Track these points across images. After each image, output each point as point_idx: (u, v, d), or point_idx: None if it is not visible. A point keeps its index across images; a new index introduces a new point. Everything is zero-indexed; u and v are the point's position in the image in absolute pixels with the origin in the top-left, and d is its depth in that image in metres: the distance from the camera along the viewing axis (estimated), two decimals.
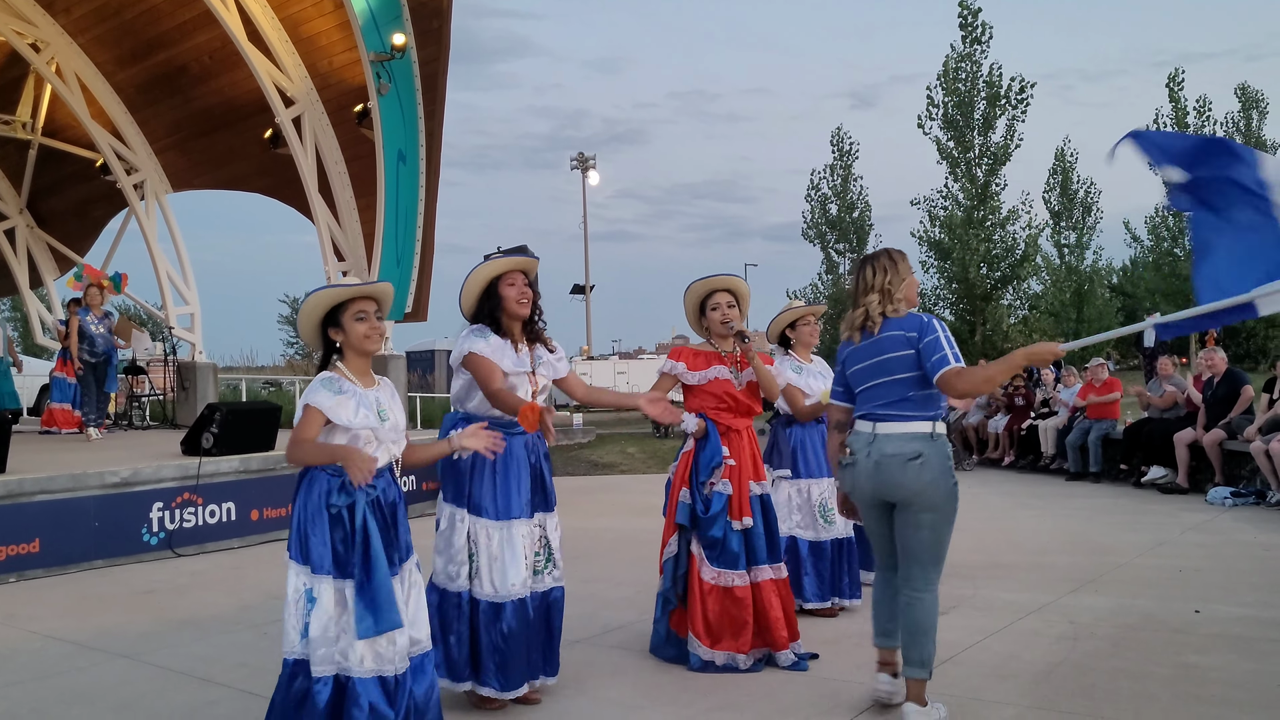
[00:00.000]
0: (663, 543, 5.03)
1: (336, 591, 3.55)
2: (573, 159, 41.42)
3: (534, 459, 4.42)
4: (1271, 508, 9.58)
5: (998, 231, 28.73)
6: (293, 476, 3.75)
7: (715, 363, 5.03)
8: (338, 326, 3.71)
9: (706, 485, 4.86)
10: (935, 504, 3.97)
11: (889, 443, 4.00)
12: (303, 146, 13.91)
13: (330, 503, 3.59)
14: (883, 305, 4.12)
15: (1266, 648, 4.95)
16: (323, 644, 3.52)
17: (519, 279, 4.40)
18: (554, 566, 4.43)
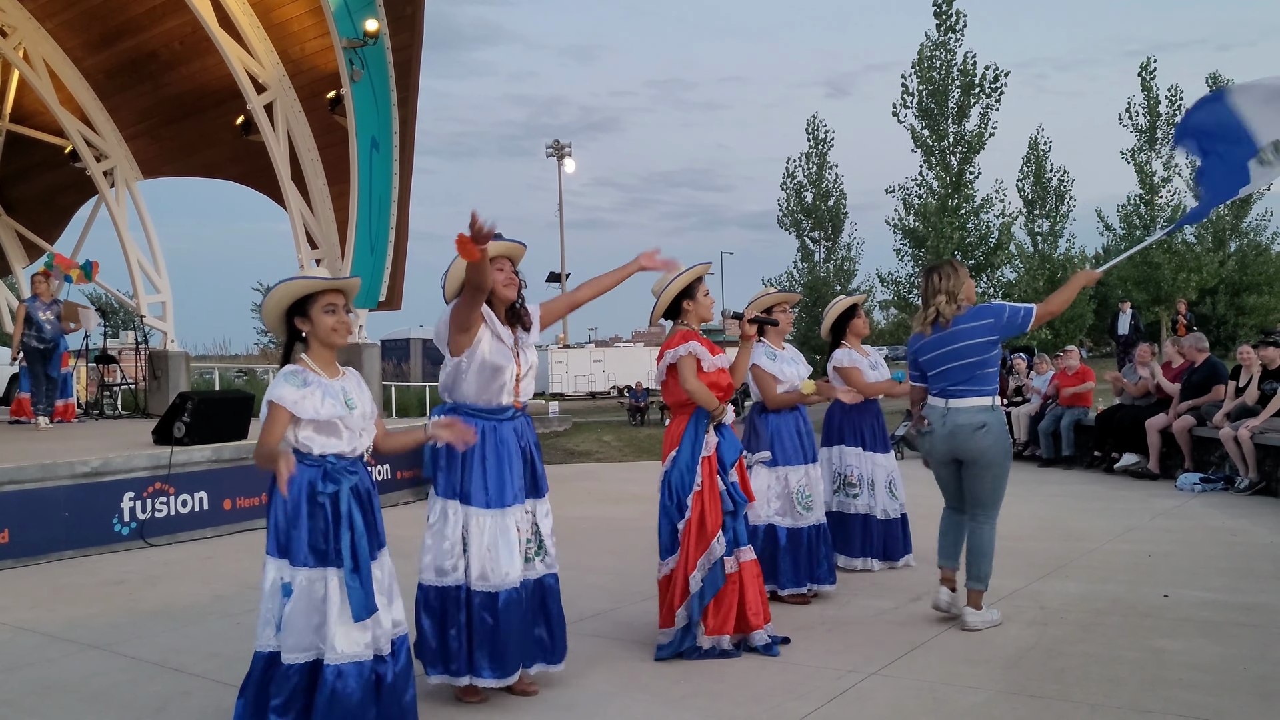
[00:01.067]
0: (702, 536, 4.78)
1: (313, 581, 3.55)
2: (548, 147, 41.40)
3: (524, 445, 4.40)
4: (1239, 493, 9.70)
5: (972, 220, 28.86)
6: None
7: (716, 351, 5.03)
8: (305, 317, 3.69)
9: (731, 473, 4.86)
10: (996, 461, 5.14)
11: (960, 414, 5.12)
12: (275, 133, 13.80)
13: (318, 491, 3.58)
14: (951, 305, 5.19)
15: (1233, 632, 5.01)
16: (295, 633, 3.52)
17: (506, 264, 4.39)
18: (545, 554, 4.41)
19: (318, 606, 3.55)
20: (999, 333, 5.13)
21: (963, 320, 5.15)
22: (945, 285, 5.21)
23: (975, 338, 5.11)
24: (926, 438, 5.33)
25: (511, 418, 4.38)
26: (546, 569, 4.41)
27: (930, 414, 5.29)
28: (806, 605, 5.79)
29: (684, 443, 4.91)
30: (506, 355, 4.32)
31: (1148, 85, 34.21)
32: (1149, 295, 32.56)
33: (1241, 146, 5.59)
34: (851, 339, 6.72)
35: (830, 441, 6.69)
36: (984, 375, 5.13)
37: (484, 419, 4.30)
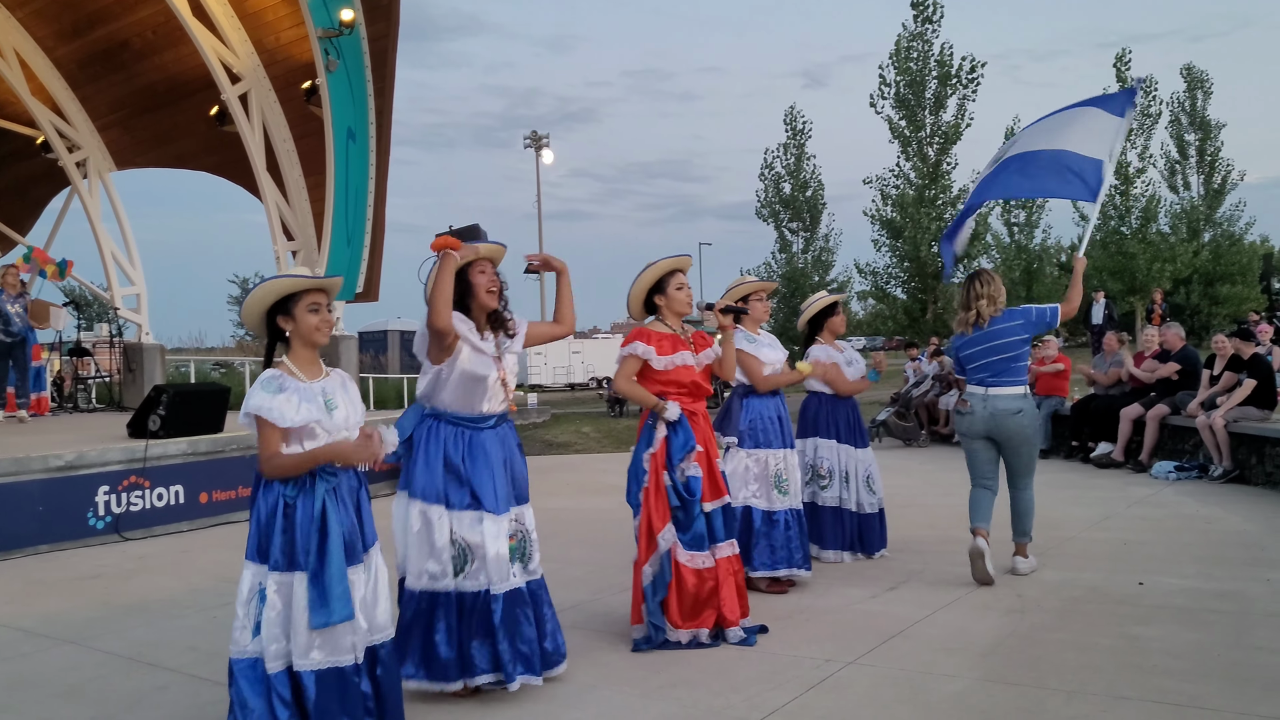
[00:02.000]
0: (650, 531, 4.85)
1: (284, 585, 3.52)
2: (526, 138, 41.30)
3: (505, 452, 4.36)
4: (1213, 481, 9.78)
5: (949, 210, 28.95)
6: (244, 458, 3.71)
7: (680, 347, 4.98)
8: (288, 316, 3.66)
9: (680, 471, 4.85)
10: (1029, 438, 6.11)
11: (999, 401, 5.99)
12: (250, 124, 13.68)
13: (284, 494, 3.55)
14: (990, 307, 6.04)
15: (1207, 618, 5.06)
16: (273, 639, 3.49)
17: (488, 267, 4.33)
18: (530, 559, 4.37)
19: (293, 612, 3.52)
20: (1029, 331, 6.00)
21: (999, 321, 6.01)
22: (986, 291, 6.06)
23: (1010, 335, 5.96)
24: (966, 418, 6.15)
25: (494, 425, 4.34)
26: (530, 575, 4.37)
27: (971, 399, 6.10)
28: (784, 594, 5.80)
29: (640, 439, 4.99)
30: (488, 364, 4.27)
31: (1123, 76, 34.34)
32: (1124, 285, 32.75)
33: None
34: (827, 335, 6.74)
35: (805, 433, 6.70)
36: (1017, 368, 6.03)
37: (466, 426, 4.26)
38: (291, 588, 3.50)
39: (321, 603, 3.47)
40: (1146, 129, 34.37)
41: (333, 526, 3.53)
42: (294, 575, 3.51)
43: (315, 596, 3.47)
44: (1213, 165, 37.72)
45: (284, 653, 3.50)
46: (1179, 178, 38.09)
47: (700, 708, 4.03)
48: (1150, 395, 11.30)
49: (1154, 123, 34.70)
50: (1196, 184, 38.07)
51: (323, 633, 3.49)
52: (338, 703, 3.51)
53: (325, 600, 3.47)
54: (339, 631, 3.52)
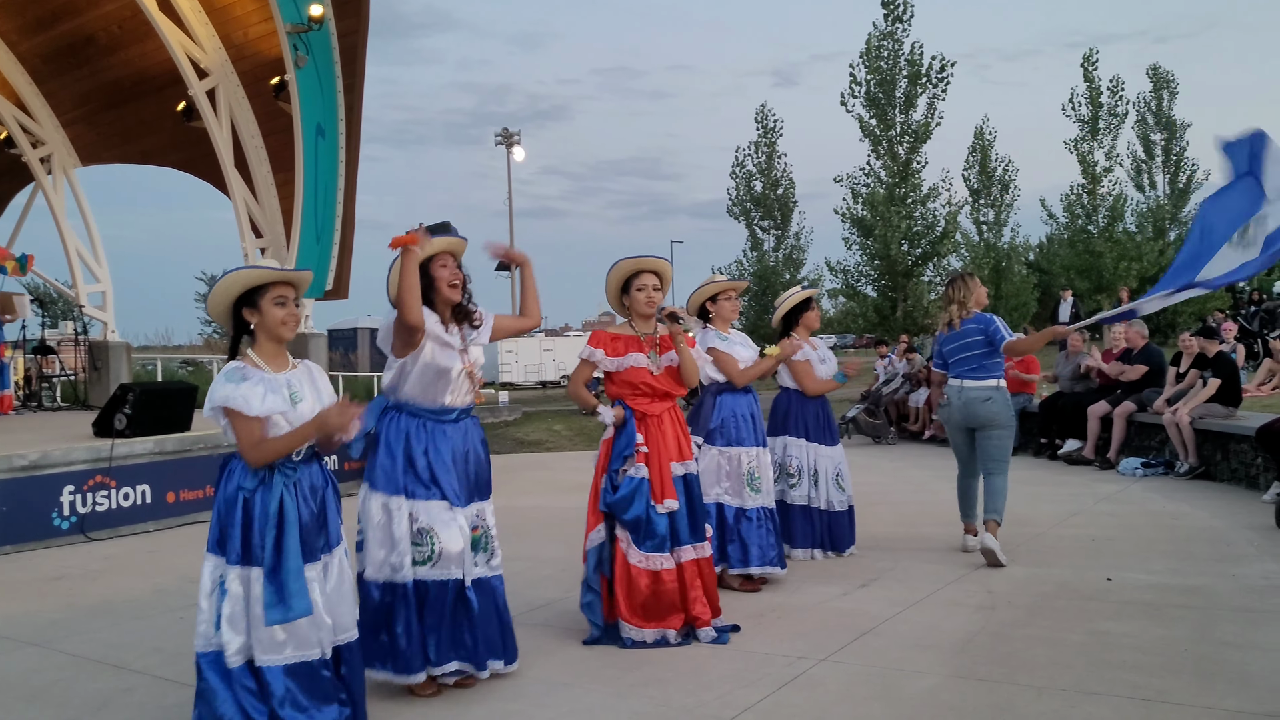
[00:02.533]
0: (587, 529, 5.00)
1: (243, 580, 3.49)
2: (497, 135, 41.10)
3: (468, 446, 4.35)
4: (1179, 478, 9.87)
5: (919, 209, 29.05)
6: (211, 457, 3.68)
7: (633, 349, 5.01)
8: (254, 308, 3.62)
9: (619, 473, 4.86)
10: (1000, 425, 6.52)
11: (970, 391, 6.54)
12: (217, 120, 13.56)
13: (241, 486, 3.52)
14: (961, 310, 6.61)
15: (1175, 614, 5.10)
16: (237, 633, 3.46)
17: (449, 261, 4.33)
18: (492, 555, 4.37)
19: (247, 607, 3.49)
20: (985, 337, 6.51)
21: (968, 323, 6.59)
22: (958, 295, 6.65)
23: (973, 337, 6.55)
24: (945, 409, 6.76)
25: (456, 419, 4.33)
26: (492, 571, 4.37)
27: (949, 392, 6.71)
28: (756, 593, 5.81)
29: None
30: (452, 356, 4.28)
31: (1090, 76, 34.63)
32: (1091, 284, 32.96)
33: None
34: (802, 331, 6.75)
35: (774, 431, 6.71)
36: (990, 364, 6.54)
37: (428, 418, 4.25)
38: (249, 583, 3.48)
39: (277, 599, 3.44)
40: (1113, 129, 34.66)
41: (289, 522, 3.50)
42: (251, 570, 3.49)
43: (271, 593, 3.45)
44: (1178, 165, 38.04)
45: (244, 647, 3.47)
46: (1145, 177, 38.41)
47: (673, 706, 4.03)
48: (1117, 393, 11.40)
49: (1121, 122, 34.98)
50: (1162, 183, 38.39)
51: (287, 628, 3.47)
52: (309, 693, 3.49)
53: (282, 597, 3.45)
54: (303, 626, 3.49)
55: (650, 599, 4.82)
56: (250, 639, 3.48)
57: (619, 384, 5.03)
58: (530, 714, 4.01)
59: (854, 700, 4.03)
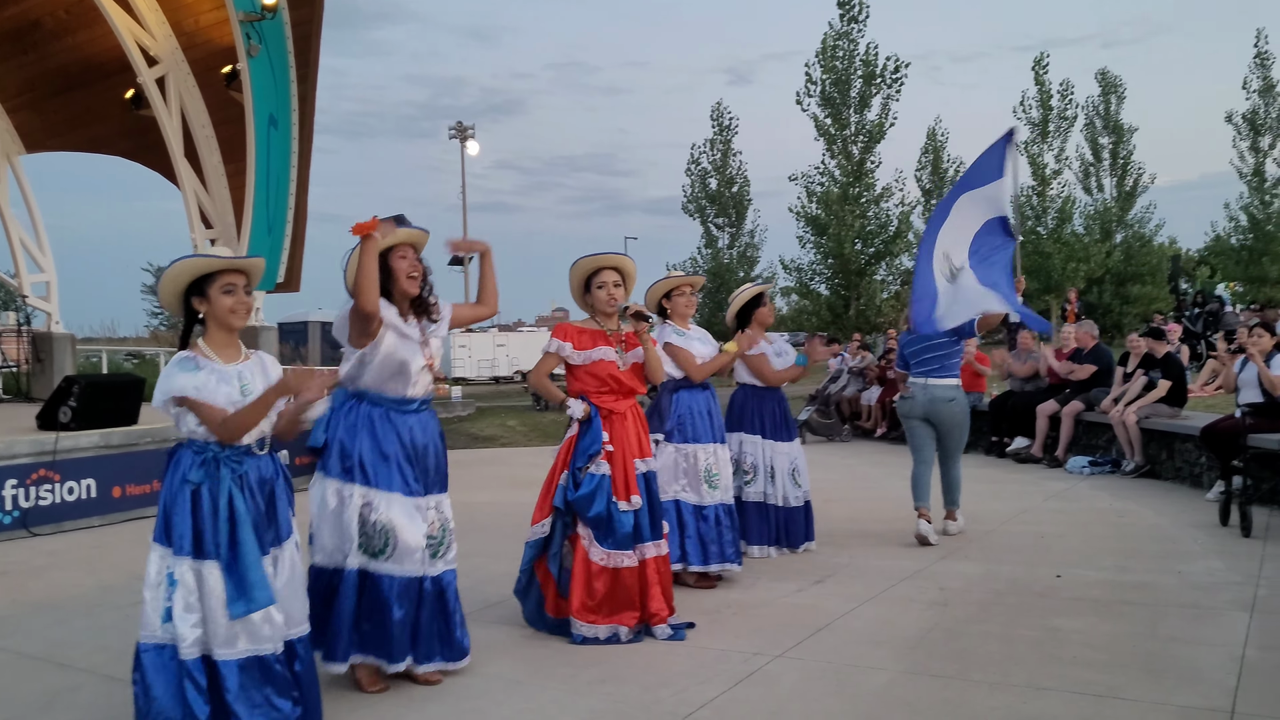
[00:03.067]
0: (533, 521, 5.00)
1: (195, 573, 3.44)
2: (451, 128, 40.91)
3: (428, 439, 4.31)
4: (1126, 476, 10.03)
5: (872, 208, 29.30)
6: (159, 451, 3.62)
7: (601, 343, 4.99)
8: (203, 297, 3.56)
9: (582, 470, 4.84)
10: (960, 422, 7.17)
11: (936, 389, 7.07)
12: (167, 108, 13.34)
13: (186, 478, 3.46)
14: None
15: (1123, 610, 5.18)
16: (191, 627, 3.41)
17: (409, 252, 4.28)
18: (447, 550, 4.34)
19: (203, 599, 3.44)
20: (957, 334, 6.97)
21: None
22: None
23: (943, 336, 6.95)
24: (908, 402, 7.23)
25: (417, 410, 4.29)
26: (446, 565, 4.34)
27: (914, 387, 7.18)
28: (712, 589, 5.81)
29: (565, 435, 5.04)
30: (413, 349, 4.24)
31: (1041, 79, 35.12)
32: (1040, 284, 33.43)
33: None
34: (756, 327, 6.76)
35: (730, 428, 6.72)
36: (951, 364, 7.12)
37: (390, 408, 4.21)
38: (202, 575, 3.43)
39: (239, 593, 3.40)
40: (1063, 132, 35.17)
41: (241, 515, 3.46)
42: (203, 564, 3.43)
43: (232, 587, 3.40)
44: (1125, 168, 38.68)
45: (200, 640, 3.42)
46: (1093, 180, 39.00)
47: (629, 703, 4.02)
48: (1065, 392, 11.56)
49: (1070, 125, 35.53)
50: (1109, 186, 39.00)
51: (242, 621, 3.42)
52: (262, 687, 3.45)
53: (244, 590, 3.40)
54: (257, 620, 3.45)
55: (606, 596, 4.81)
56: (202, 632, 3.43)
57: (583, 378, 5.00)
58: (486, 712, 3.98)
59: (809, 696, 4.05)
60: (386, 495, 4.13)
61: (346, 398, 4.25)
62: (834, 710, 3.89)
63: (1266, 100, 35.94)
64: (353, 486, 4.13)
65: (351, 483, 4.13)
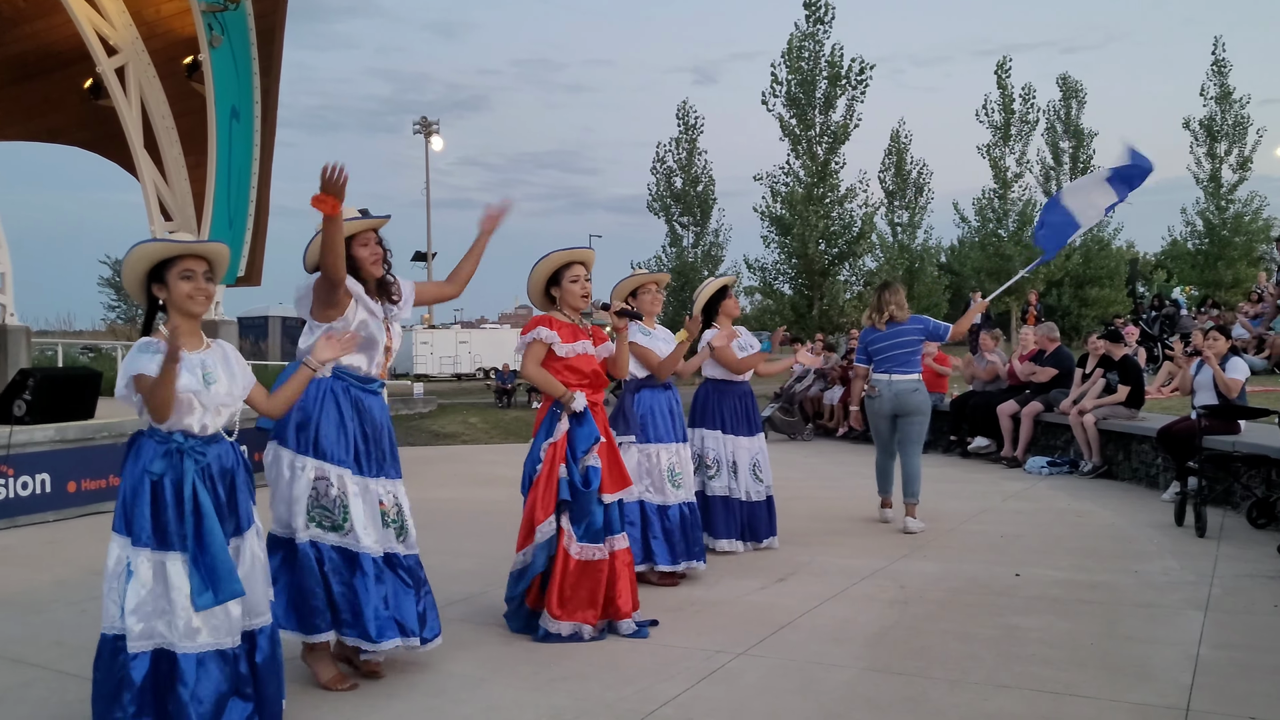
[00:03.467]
0: (532, 520, 4.86)
1: (155, 564, 3.40)
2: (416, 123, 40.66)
3: (382, 420, 4.31)
4: (1083, 476, 10.15)
5: (836, 209, 29.40)
6: (115, 446, 3.56)
7: (580, 336, 4.97)
8: (161, 283, 3.52)
9: (581, 462, 4.82)
10: (923, 411, 7.61)
11: (901, 384, 7.52)
12: (127, 99, 13.14)
13: (148, 469, 3.42)
14: (901, 311, 7.57)
15: (1080, 609, 5.24)
16: (141, 619, 3.36)
17: (371, 238, 4.29)
18: (407, 534, 4.32)
19: (163, 592, 3.39)
20: (924, 335, 7.58)
21: (905, 324, 7.55)
22: (895, 299, 7.59)
23: (910, 335, 7.52)
24: (876, 400, 7.66)
25: (376, 391, 4.30)
26: (408, 550, 4.32)
27: (879, 384, 7.61)
28: (675, 587, 5.82)
29: (540, 429, 4.96)
30: (379, 327, 4.26)
31: (1003, 84, 35.41)
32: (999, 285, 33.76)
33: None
34: (723, 320, 6.78)
35: (693, 423, 6.73)
36: (914, 360, 7.60)
37: (353, 385, 4.20)
38: (165, 567, 3.38)
39: (207, 584, 3.36)
40: (1025, 135, 35.50)
41: (205, 507, 3.42)
42: (167, 555, 3.39)
43: (199, 579, 3.36)
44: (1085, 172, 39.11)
45: (151, 633, 3.38)
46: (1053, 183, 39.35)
47: (592, 700, 4.01)
48: (1025, 392, 11.68)
49: (1031, 130, 35.85)
50: None
51: (203, 615, 3.38)
52: (215, 685, 3.40)
53: (211, 581, 3.37)
54: (218, 614, 3.41)
55: (578, 590, 4.79)
56: (157, 625, 3.39)
57: (564, 371, 4.92)
58: (448, 710, 3.96)
59: (772, 693, 4.06)
60: (340, 471, 4.11)
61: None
62: (796, 707, 3.91)
63: (1223, 107, 36.42)
64: (306, 459, 4.11)
65: (305, 455, 4.11)
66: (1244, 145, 36.28)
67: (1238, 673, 4.18)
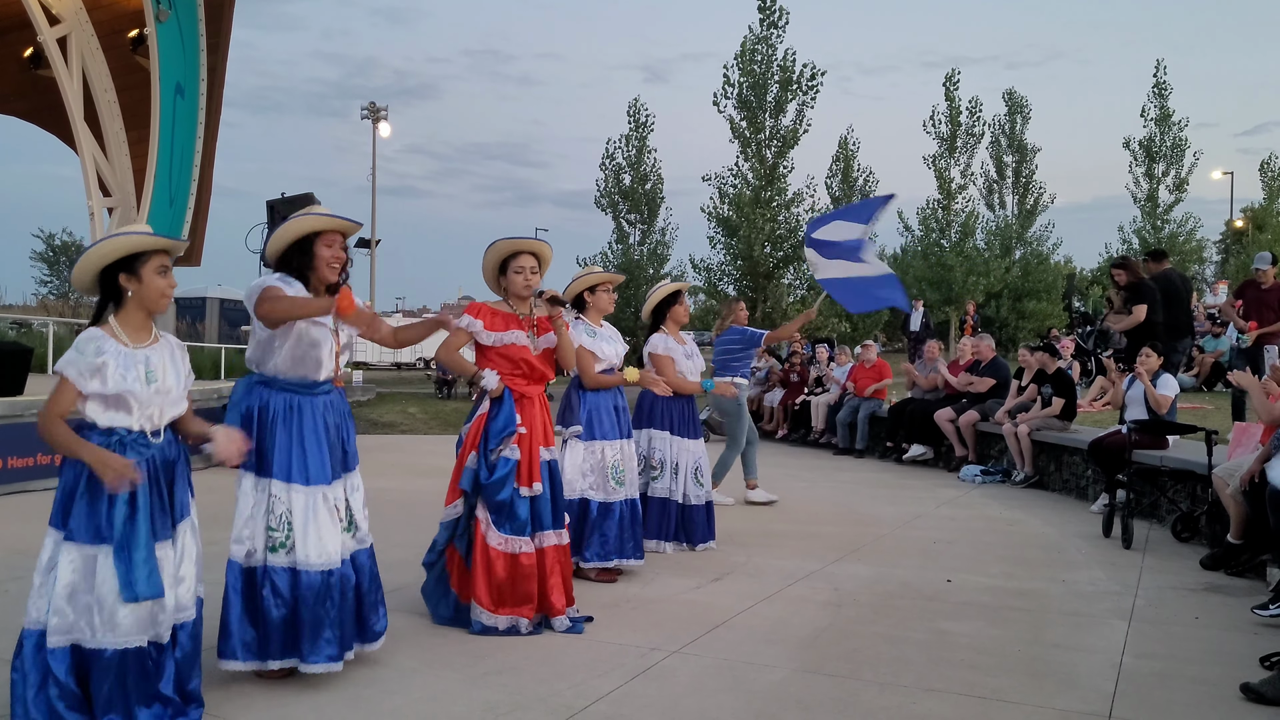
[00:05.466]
0: (446, 502, 4.96)
1: (86, 559, 3.36)
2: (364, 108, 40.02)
3: (337, 419, 4.22)
4: (1016, 485, 10.33)
5: (783, 213, 29.57)
6: None
7: (514, 326, 4.96)
8: (132, 275, 3.47)
9: (494, 452, 4.81)
10: (731, 414, 8.65)
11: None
12: (68, 70, 12.83)
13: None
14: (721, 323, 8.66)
15: (1009, 615, 5.33)
16: (58, 614, 3.31)
17: (337, 240, 4.17)
18: (357, 529, 4.26)
19: (89, 587, 3.34)
20: (744, 344, 8.55)
21: (728, 334, 8.62)
22: (721, 312, 8.93)
23: (732, 345, 8.55)
24: (740, 397, 8.48)
25: (326, 391, 4.21)
26: (358, 545, 4.26)
27: (739, 386, 8.26)
28: (612, 584, 5.83)
29: (471, 413, 5.00)
30: (324, 331, 4.12)
31: (951, 95, 35.90)
32: (941, 295, 34.17)
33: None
34: (671, 325, 6.80)
35: (639, 424, 6.75)
36: (733, 366, 8.57)
37: (297, 393, 4.11)
38: (95, 561, 3.34)
39: (129, 580, 3.31)
40: (970, 148, 36.03)
41: (140, 502, 3.38)
42: (99, 549, 3.34)
43: (124, 573, 3.31)
44: (1027, 187, 39.71)
45: (68, 628, 3.34)
46: (996, 196, 40.00)
47: (526, 694, 4.01)
48: (962, 401, 11.85)
49: (976, 142, 36.41)
50: (1011, 204, 40.01)
51: (133, 607, 3.33)
52: (129, 682, 3.36)
53: (135, 578, 3.32)
54: (141, 609, 3.36)
55: (506, 583, 4.78)
56: (75, 619, 3.34)
57: (496, 359, 4.94)
58: (380, 700, 3.93)
59: (704, 692, 4.08)
60: (289, 487, 4.02)
61: (253, 384, 4.14)
62: (728, 706, 3.93)
63: (1163, 129, 37.25)
64: (261, 479, 4.04)
65: (263, 476, 4.03)
66: (1181, 167, 37.17)
67: (1158, 682, 4.28)
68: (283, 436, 4.04)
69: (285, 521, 4.01)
